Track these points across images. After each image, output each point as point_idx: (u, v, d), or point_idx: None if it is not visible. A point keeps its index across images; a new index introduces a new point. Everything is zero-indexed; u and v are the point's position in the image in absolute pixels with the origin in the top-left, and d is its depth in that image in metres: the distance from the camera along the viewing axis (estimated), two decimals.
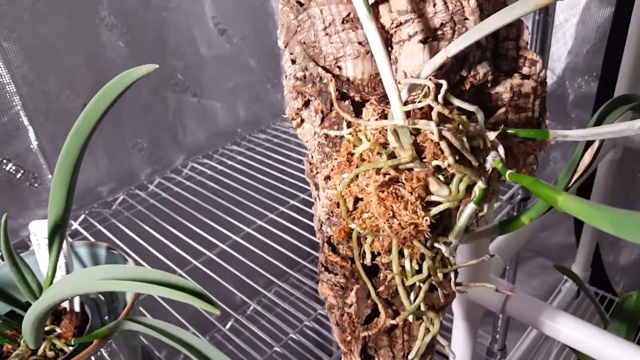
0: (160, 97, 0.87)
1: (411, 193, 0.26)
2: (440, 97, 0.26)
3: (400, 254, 0.29)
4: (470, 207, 0.28)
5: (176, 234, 0.76)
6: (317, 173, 0.32)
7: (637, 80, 0.79)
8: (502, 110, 0.30)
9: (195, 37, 0.88)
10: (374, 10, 0.29)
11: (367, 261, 0.29)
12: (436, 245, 0.28)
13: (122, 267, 0.26)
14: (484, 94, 0.31)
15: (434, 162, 0.26)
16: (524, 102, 0.31)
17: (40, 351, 0.36)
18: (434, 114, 0.26)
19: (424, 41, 0.28)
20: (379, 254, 0.29)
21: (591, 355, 0.43)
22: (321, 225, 0.33)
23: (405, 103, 0.28)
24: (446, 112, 0.26)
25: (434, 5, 0.28)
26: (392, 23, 0.29)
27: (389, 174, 0.26)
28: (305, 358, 0.84)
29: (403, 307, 0.30)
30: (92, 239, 0.73)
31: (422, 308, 0.30)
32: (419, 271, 0.29)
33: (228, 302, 0.70)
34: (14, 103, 0.68)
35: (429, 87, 0.26)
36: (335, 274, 0.32)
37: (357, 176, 0.27)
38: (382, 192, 0.26)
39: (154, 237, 0.75)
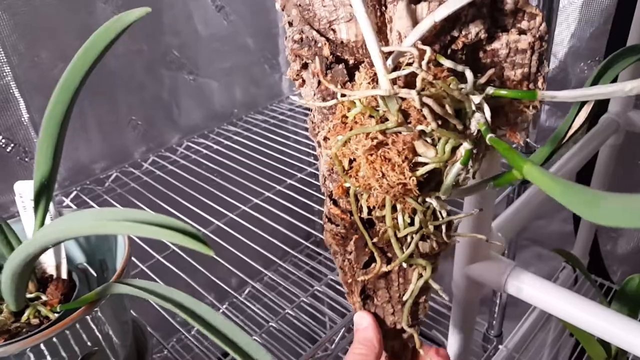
0: (156, 74, 0.85)
1: (398, 155, 0.28)
2: (424, 63, 0.27)
3: (394, 209, 0.31)
4: (457, 166, 0.29)
5: (170, 211, 0.74)
6: (319, 132, 0.33)
7: None
8: (491, 71, 0.30)
9: (192, 13, 0.86)
10: None
11: (364, 214, 0.32)
12: (427, 200, 0.30)
13: (113, 210, 0.24)
14: (479, 50, 0.31)
15: (419, 127, 0.27)
16: (520, 58, 0.30)
17: (23, 318, 0.34)
18: (417, 81, 0.26)
19: (415, 1, 0.28)
20: (374, 207, 0.31)
21: (595, 333, 0.42)
22: (325, 180, 0.34)
23: (395, 68, 0.28)
24: (430, 77, 0.27)
25: None
26: None
27: (377, 138, 0.28)
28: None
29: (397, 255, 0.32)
30: None
31: (415, 256, 0.32)
32: (411, 224, 0.31)
33: (226, 282, 0.69)
34: (4, 73, 0.66)
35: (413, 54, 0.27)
36: (337, 225, 0.34)
37: (349, 139, 0.29)
38: (371, 155, 0.28)
39: None
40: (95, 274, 0.42)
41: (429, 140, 0.28)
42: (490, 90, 0.30)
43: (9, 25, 0.65)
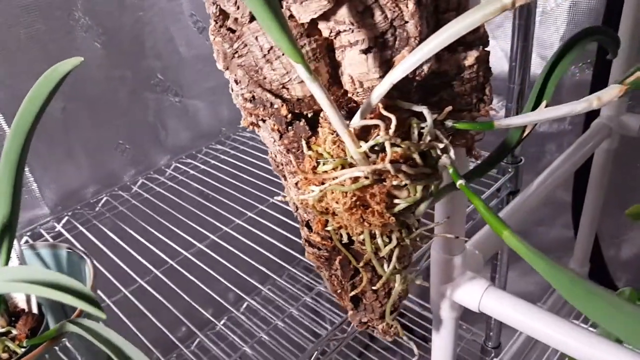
0: (140, 97, 0.86)
1: (377, 204, 0.30)
2: (391, 131, 0.29)
3: (372, 236, 0.33)
4: (428, 200, 0.31)
5: (158, 236, 0.75)
6: (283, 169, 0.35)
7: (632, 66, 0.76)
8: (449, 108, 0.31)
9: (174, 36, 0.87)
10: (314, 27, 0.30)
11: (345, 239, 0.34)
12: (401, 219, 0.32)
13: (25, 269, 0.24)
14: (434, 74, 0.31)
15: (394, 182, 0.30)
16: (468, 73, 0.31)
17: None
18: (387, 153, 0.29)
19: (366, 51, 0.29)
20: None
21: (570, 354, 0.40)
22: (297, 209, 0.36)
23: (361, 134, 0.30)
24: (398, 141, 0.29)
25: (372, 16, 0.28)
26: (331, 32, 0.29)
27: (355, 195, 0.30)
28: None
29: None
30: (74, 241, 0.73)
31: (397, 267, 0.34)
32: (389, 241, 0.33)
33: (224, 297, 0.69)
34: None
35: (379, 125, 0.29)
36: (319, 249, 0.36)
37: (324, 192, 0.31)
38: (352, 209, 0.30)
39: (136, 238, 0.75)
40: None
41: (400, 184, 0.30)
42: (450, 123, 0.32)
43: None
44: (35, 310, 0.42)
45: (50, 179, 0.78)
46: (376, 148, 0.30)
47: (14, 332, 0.39)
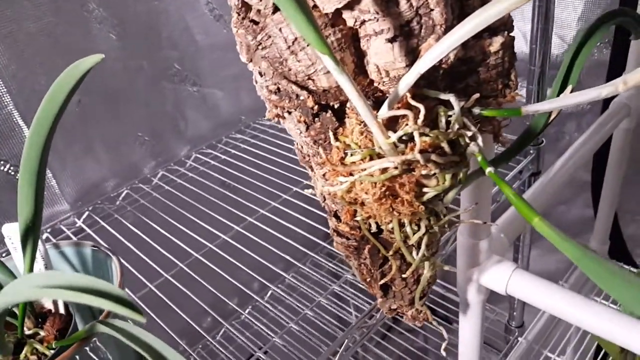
0: (158, 88, 0.86)
1: (407, 194, 0.30)
2: (419, 121, 0.29)
3: (401, 225, 0.32)
4: (457, 188, 0.31)
5: (181, 229, 0.75)
6: (309, 160, 0.35)
7: None
8: (476, 95, 0.31)
9: (190, 25, 0.87)
10: (338, 16, 0.29)
11: (373, 228, 0.34)
12: (430, 207, 0.32)
13: (54, 274, 0.25)
14: (459, 61, 0.31)
15: (423, 172, 0.29)
16: (494, 59, 0.31)
17: (21, 356, 0.35)
18: (417, 143, 0.28)
19: (391, 40, 0.29)
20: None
21: (599, 333, 0.41)
22: (324, 199, 0.36)
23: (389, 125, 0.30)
24: (427, 130, 0.29)
25: (397, 5, 0.28)
26: (356, 21, 0.29)
27: (384, 185, 0.30)
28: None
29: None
30: (95, 237, 0.73)
31: (426, 254, 0.34)
32: (418, 229, 0.33)
33: (248, 287, 0.69)
34: (5, 102, 0.68)
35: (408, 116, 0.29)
36: (347, 239, 0.36)
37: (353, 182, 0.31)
38: (381, 199, 0.30)
39: (158, 231, 0.75)
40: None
41: (430, 173, 0.30)
42: (477, 110, 0.32)
43: (6, 54, 0.66)
44: (62, 310, 0.42)
45: (69, 175, 0.78)
46: (404, 138, 0.30)
47: (42, 333, 0.39)
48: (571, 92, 0.35)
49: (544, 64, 0.70)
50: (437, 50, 0.28)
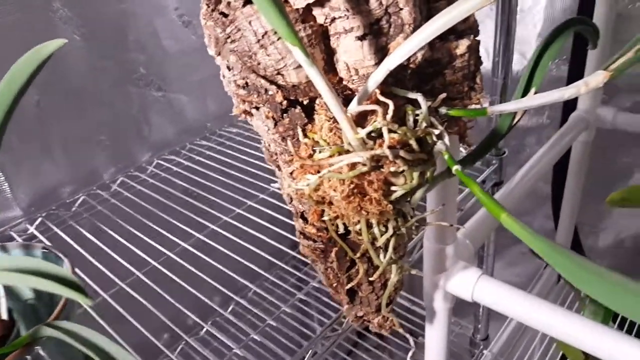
0: (123, 91, 0.83)
1: (375, 192, 0.30)
2: (388, 117, 0.29)
3: (369, 225, 0.32)
4: (424, 188, 0.32)
5: (140, 236, 0.72)
6: (277, 158, 0.35)
7: (605, 61, 0.77)
8: (443, 95, 0.32)
9: (158, 30, 0.85)
10: (309, 13, 0.29)
11: (341, 230, 0.34)
12: (397, 207, 0.32)
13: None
14: (427, 62, 0.31)
15: (391, 169, 0.30)
16: (460, 62, 0.31)
17: None
18: (385, 138, 0.29)
19: (361, 38, 0.29)
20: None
21: (563, 339, 0.41)
22: (291, 200, 0.36)
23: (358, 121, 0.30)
24: (395, 127, 0.29)
25: (367, 3, 0.28)
26: (326, 18, 0.29)
27: (353, 182, 0.30)
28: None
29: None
30: (49, 244, 0.70)
31: (394, 257, 0.34)
32: (386, 230, 0.33)
33: (211, 298, 0.67)
34: None
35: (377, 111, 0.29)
36: (314, 241, 0.36)
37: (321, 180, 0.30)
38: (349, 197, 0.30)
39: (116, 239, 0.72)
40: (45, 306, 0.41)
41: (398, 170, 0.30)
42: (444, 110, 0.32)
43: None
44: (4, 316, 0.39)
45: (23, 179, 0.74)
46: (373, 135, 0.30)
47: None
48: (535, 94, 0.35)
49: (506, 76, 0.72)
50: (406, 47, 0.28)
